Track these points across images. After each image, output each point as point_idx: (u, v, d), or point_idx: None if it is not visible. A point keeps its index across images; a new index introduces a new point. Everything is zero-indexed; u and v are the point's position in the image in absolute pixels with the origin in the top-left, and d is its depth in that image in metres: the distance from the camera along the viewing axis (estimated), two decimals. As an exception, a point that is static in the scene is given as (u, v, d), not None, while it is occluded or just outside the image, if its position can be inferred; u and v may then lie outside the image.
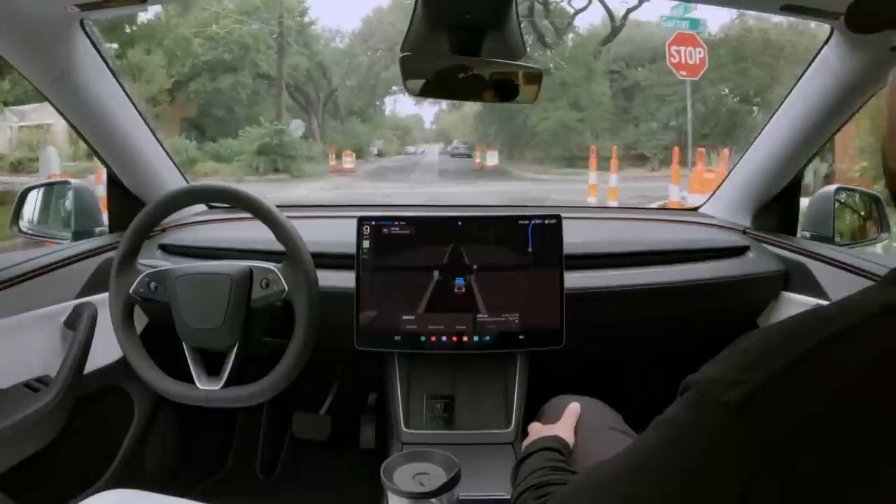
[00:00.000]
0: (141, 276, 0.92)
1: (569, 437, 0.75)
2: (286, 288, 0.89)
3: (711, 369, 0.38)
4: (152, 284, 0.92)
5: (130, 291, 0.92)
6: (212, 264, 0.94)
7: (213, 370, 0.92)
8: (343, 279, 1.01)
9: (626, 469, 0.41)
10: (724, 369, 0.37)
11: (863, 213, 1.26)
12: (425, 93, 0.89)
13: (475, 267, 0.99)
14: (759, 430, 0.33)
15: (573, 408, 0.81)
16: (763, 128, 1.19)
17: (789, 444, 0.33)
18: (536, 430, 0.79)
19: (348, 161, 14.86)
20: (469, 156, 19.27)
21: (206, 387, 0.90)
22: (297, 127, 15.52)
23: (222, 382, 0.90)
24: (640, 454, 0.40)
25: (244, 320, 0.90)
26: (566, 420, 0.79)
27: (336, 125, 19.53)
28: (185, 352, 0.92)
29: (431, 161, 20.36)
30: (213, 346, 0.91)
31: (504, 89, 0.88)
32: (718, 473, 0.35)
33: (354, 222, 0.99)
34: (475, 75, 0.87)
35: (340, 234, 1.04)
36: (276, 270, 0.90)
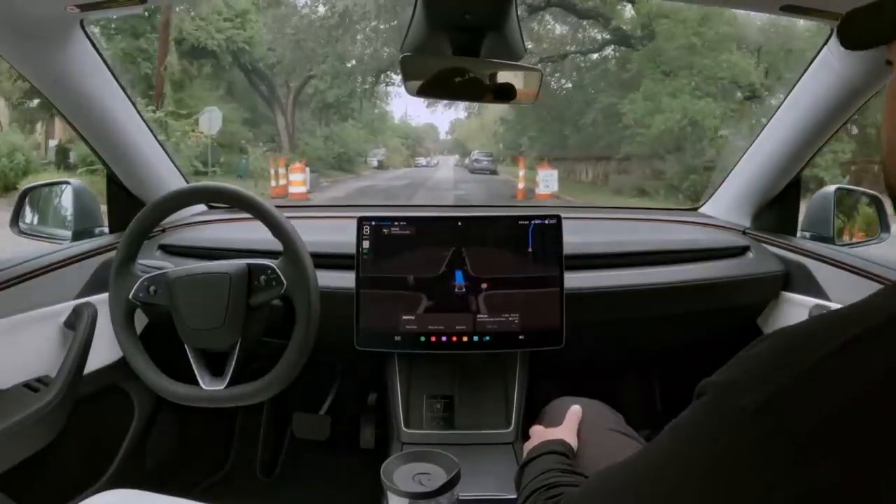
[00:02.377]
0: (140, 280, 0.92)
1: (572, 440, 0.75)
2: (285, 283, 0.89)
3: (728, 372, 0.38)
4: (151, 288, 0.91)
5: (130, 297, 0.92)
6: (210, 264, 0.94)
7: (214, 370, 0.92)
8: (343, 279, 1.01)
9: (642, 473, 0.41)
10: (742, 372, 0.37)
11: (863, 214, 1.26)
12: (425, 93, 0.89)
13: (475, 267, 0.99)
14: (779, 433, 0.33)
15: (575, 410, 0.81)
16: (763, 128, 1.19)
17: (809, 448, 0.33)
18: (539, 433, 0.78)
19: (297, 180, 9.53)
20: (493, 171, 15.12)
21: (209, 387, 0.90)
22: (211, 120, 9.85)
23: (226, 382, 0.89)
24: (657, 459, 0.40)
25: (244, 318, 0.90)
26: (568, 423, 0.78)
27: (324, 129, 14.38)
28: (188, 353, 0.91)
29: (444, 178, 15.04)
30: (215, 346, 0.91)
31: (504, 90, 0.88)
32: (738, 477, 0.34)
33: (354, 222, 0.99)
34: (475, 76, 0.87)
35: (340, 235, 1.04)
36: (274, 267, 0.90)
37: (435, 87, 0.87)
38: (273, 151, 12.74)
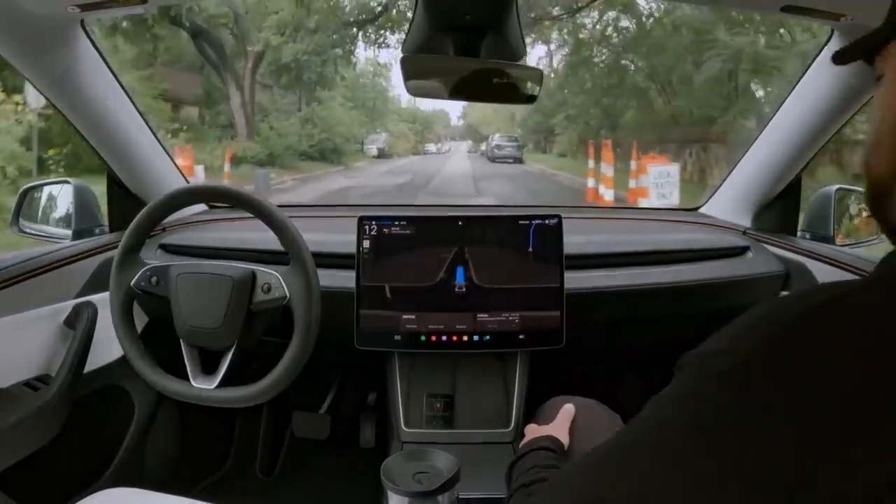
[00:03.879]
0: (143, 269, 0.92)
1: (563, 437, 0.75)
2: (287, 295, 0.89)
3: (708, 343, 0.38)
4: (153, 279, 0.92)
5: (131, 284, 0.92)
6: (214, 264, 0.94)
7: (210, 369, 0.92)
8: (343, 279, 1.01)
9: (621, 446, 0.40)
10: (718, 340, 0.37)
11: (863, 214, 1.26)
12: (426, 93, 0.89)
13: (476, 267, 0.99)
14: (755, 398, 0.33)
15: (567, 409, 0.81)
16: (763, 128, 1.19)
17: (784, 412, 0.32)
18: (532, 431, 0.79)
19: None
20: (519, 159, 12.55)
21: (201, 385, 0.90)
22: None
23: (217, 382, 0.90)
24: (636, 432, 0.39)
25: (243, 322, 0.90)
26: (560, 420, 0.79)
27: (305, 109, 10.51)
28: (183, 349, 0.92)
29: (459, 173, 11.43)
30: (211, 345, 0.91)
31: (504, 89, 0.88)
32: (719, 443, 0.33)
33: (355, 222, 1.00)
34: (476, 76, 0.87)
35: (341, 234, 1.04)
36: (278, 276, 0.90)
37: (435, 87, 0.87)
38: (231, 138, 9.50)
